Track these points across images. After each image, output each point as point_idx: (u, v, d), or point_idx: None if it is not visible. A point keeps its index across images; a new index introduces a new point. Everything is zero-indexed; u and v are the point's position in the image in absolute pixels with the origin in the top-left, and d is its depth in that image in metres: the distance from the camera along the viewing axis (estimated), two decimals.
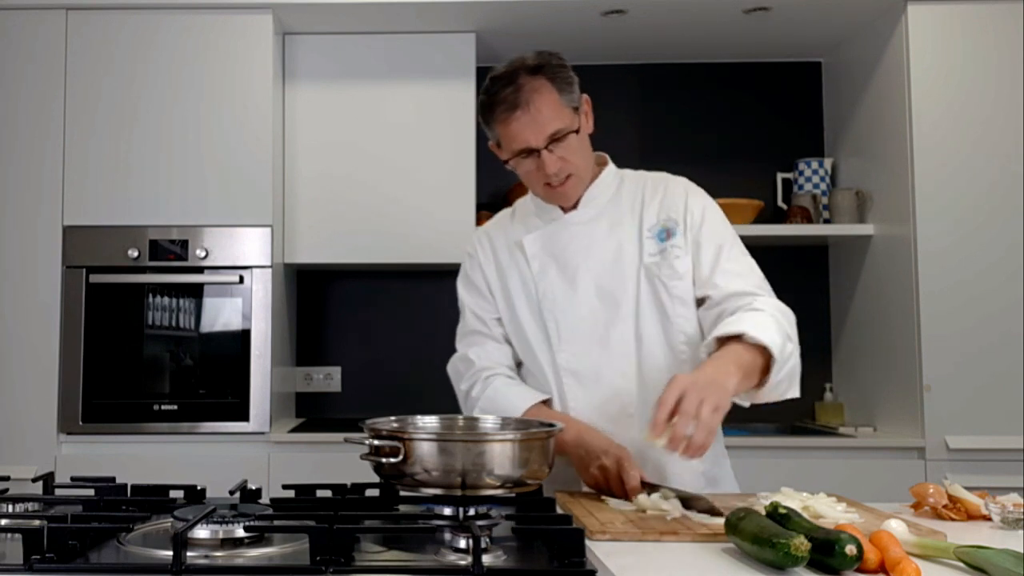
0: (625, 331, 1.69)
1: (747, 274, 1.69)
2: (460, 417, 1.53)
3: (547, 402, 1.73)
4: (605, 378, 1.69)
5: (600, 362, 1.69)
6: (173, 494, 1.50)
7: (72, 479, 1.53)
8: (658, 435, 1.37)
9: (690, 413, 1.36)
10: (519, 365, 1.81)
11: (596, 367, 1.69)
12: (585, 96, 1.71)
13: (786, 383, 1.59)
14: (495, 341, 1.79)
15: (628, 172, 1.82)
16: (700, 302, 1.71)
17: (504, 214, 1.91)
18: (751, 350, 1.52)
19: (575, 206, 1.75)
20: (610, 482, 1.52)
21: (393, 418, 1.44)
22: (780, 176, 3.39)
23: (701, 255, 1.70)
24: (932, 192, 2.80)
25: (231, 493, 1.44)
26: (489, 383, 1.74)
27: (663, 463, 1.63)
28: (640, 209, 1.75)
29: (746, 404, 1.61)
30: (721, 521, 1.22)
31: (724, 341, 1.55)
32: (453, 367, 1.84)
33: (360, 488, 1.51)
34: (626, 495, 1.49)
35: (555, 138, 1.63)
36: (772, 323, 1.56)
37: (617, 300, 1.70)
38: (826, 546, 1.05)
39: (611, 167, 1.79)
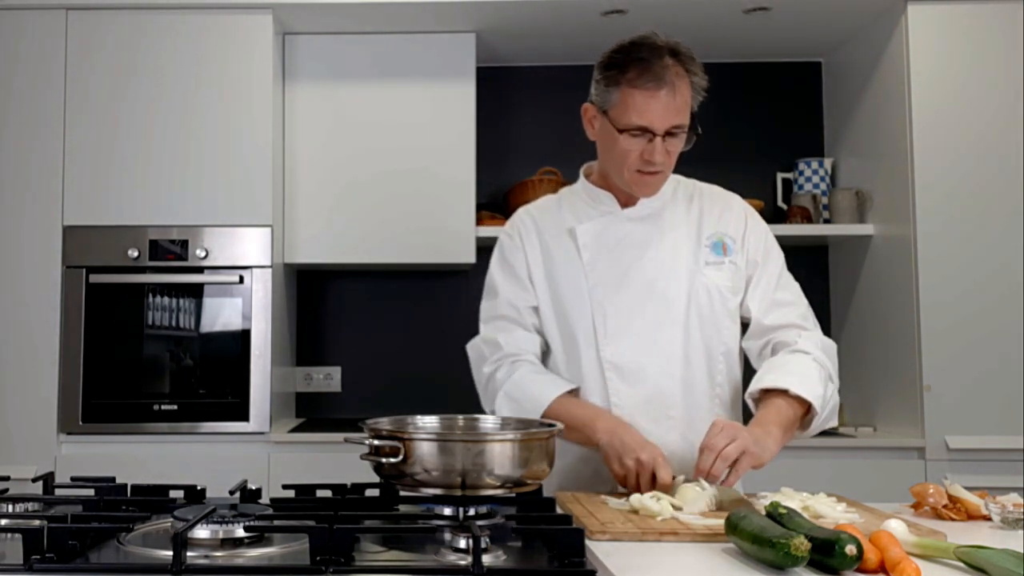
0: (674, 332, 1.69)
1: (796, 303, 1.74)
2: (460, 417, 1.52)
3: (574, 393, 1.71)
4: (650, 377, 1.68)
5: (646, 360, 1.69)
6: (173, 494, 1.50)
7: (72, 479, 1.53)
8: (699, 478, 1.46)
9: (728, 460, 1.46)
10: (545, 355, 1.79)
11: (642, 364, 1.69)
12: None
13: (826, 420, 1.67)
14: (525, 329, 1.76)
15: (681, 179, 1.82)
16: (745, 324, 1.75)
17: (549, 200, 1.87)
18: (793, 403, 1.60)
19: (634, 202, 1.75)
20: (641, 476, 1.52)
21: (393, 418, 1.44)
22: (780, 176, 3.39)
23: (755, 279, 1.73)
24: (932, 192, 2.80)
25: (231, 493, 1.44)
26: (516, 368, 1.72)
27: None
28: (698, 217, 1.76)
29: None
30: (721, 521, 1.23)
31: (767, 389, 1.62)
32: (476, 349, 1.80)
33: (360, 488, 1.51)
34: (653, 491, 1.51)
35: (673, 130, 1.62)
36: (815, 370, 1.63)
37: (669, 300, 1.69)
38: (826, 546, 1.05)
39: None
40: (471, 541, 1.10)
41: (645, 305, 1.70)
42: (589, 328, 1.71)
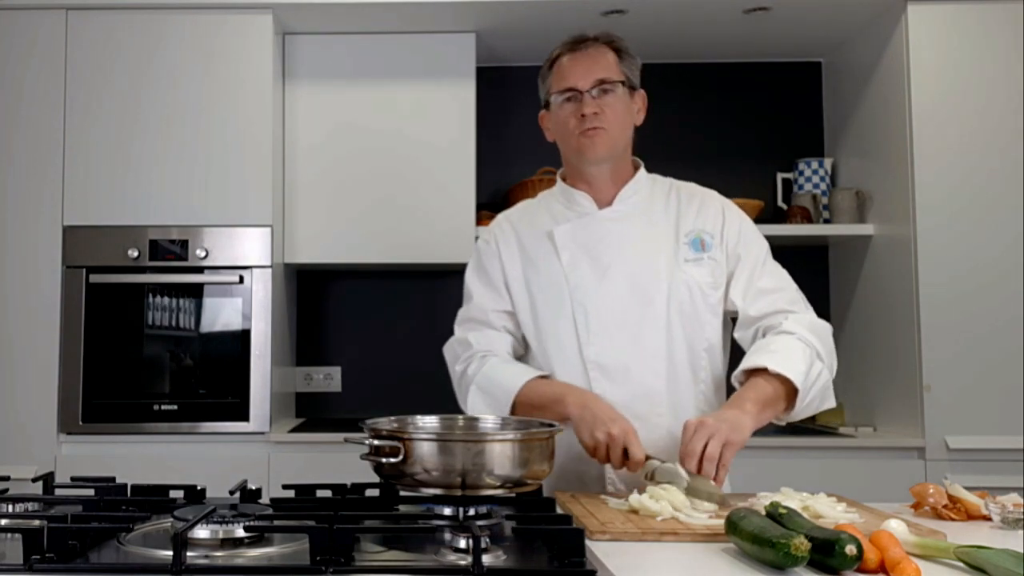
0: (656, 329, 1.70)
1: (782, 289, 1.74)
2: (460, 417, 1.53)
3: (544, 379, 1.72)
4: (635, 375, 1.69)
5: (630, 358, 1.70)
6: (173, 494, 1.50)
7: (72, 479, 1.53)
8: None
9: (713, 459, 1.47)
10: (523, 358, 1.81)
11: (626, 362, 1.70)
12: (642, 92, 1.77)
13: (817, 400, 1.66)
14: (495, 330, 1.79)
15: (658, 177, 1.84)
16: (733, 318, 1.76)
17: (528, 204, 1.90)
18: (774, 381, 1.60)
19: (610, 203, 1.77)
20: (612, 450, 1.53)
21: (393, 418, 1.44)
22: (780, 176, 3.39)
23: (737, 271, 1.74)
24: (932, 192, 2.80)
25: (231, 493, 1.44)
26: (485, 361, 1.75)
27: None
28: (676, 214, 1.77)
29: (782, 423, 1.70)
30: (721, 521, 1.23)
31: (751, 370, 1.63)
32: (450, 349, 1.84)
33: (360, 488, 1.51)
34: (625, 466, 1.53)
35: (602, 86, 1.69)
36: (798, 348, 1.63)
37: (650, 297, 1.70)
38: (826, 546, 1.05)
39: (643, 171, 1.82)
40: (471, 541, 1.10)
41: (626, 304, 1.71)
42: (571, 329, 1.72)
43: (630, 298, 1.71)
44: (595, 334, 1.70)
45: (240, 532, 1.20)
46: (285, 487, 1.52)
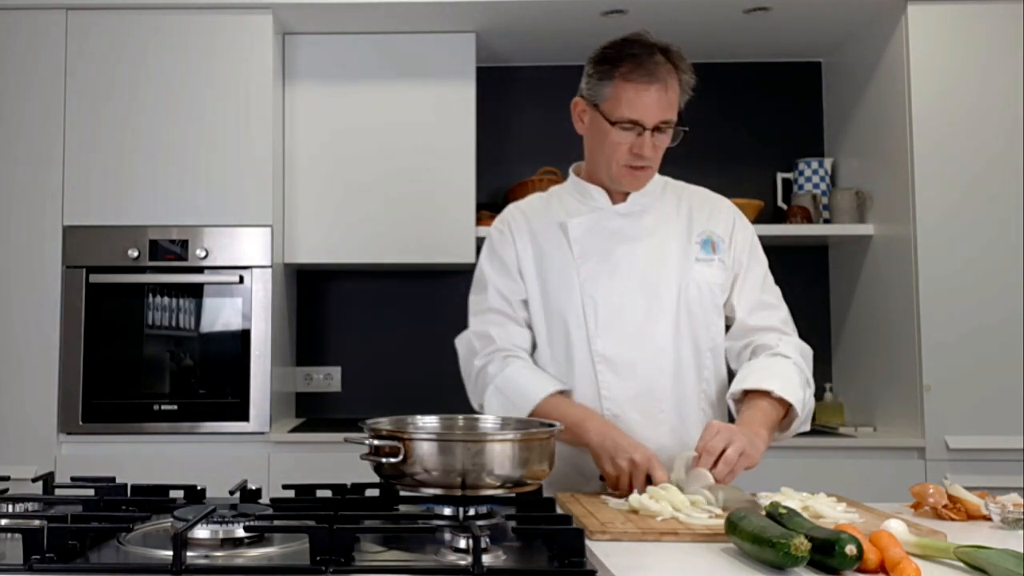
0: (665, 326, 1.70)
1: (779, 306, 1.77)
2: (460, 417, 1.52)
3: (565, 393, 1.71)
4: (641, 371, 1.69)
5: (637, 353, 1.70)
6: (173, 494, 1.50)
7: (72, 479, 1.53)
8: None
9: (730, 463, 1.47)
10: (532, 350, 1.79)
11: (633, 358, 1.70)
12: None
13: (802, 424, 1.69)
14: (517, 324, 1.77)
15: (670, 180, 1.85)
16: (727, 324, 1.77)
17: (539, 197, 1.88)
18: (776, 405, 1.62)
19: (624, 198, 1.77)
20: (636, 476, 1.52)
21: (393, 418, 1.44)
22: (780, 176, 3.39)
23: (741, 279, 1.76)
24: (932, 192, 2.80)
25: (231, 493, 1.44)
26: (508, 363, 1.72)
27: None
28: (688, 215, 1.78)
29: None
30: (721, 521, 1.23)
31: (750, 390, 1.64)
32: (466, 342, 1.80)
33: (360, 488, 1.51)
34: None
35: (662, 126, 1.66)
36: (796, 374, 1.66)
37: (659, 295, 1.71)
38: (826, 546, 1.05)
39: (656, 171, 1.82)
40: (471, 541, 1.10)
41: (636, 299, 1.71)
42: (580, 321, 1.72)
43: (640, 293, 1.71)
44: (604, 327, 1.70)
45: (240, 532, 1.20)
46: (285, 487, 1.52)
